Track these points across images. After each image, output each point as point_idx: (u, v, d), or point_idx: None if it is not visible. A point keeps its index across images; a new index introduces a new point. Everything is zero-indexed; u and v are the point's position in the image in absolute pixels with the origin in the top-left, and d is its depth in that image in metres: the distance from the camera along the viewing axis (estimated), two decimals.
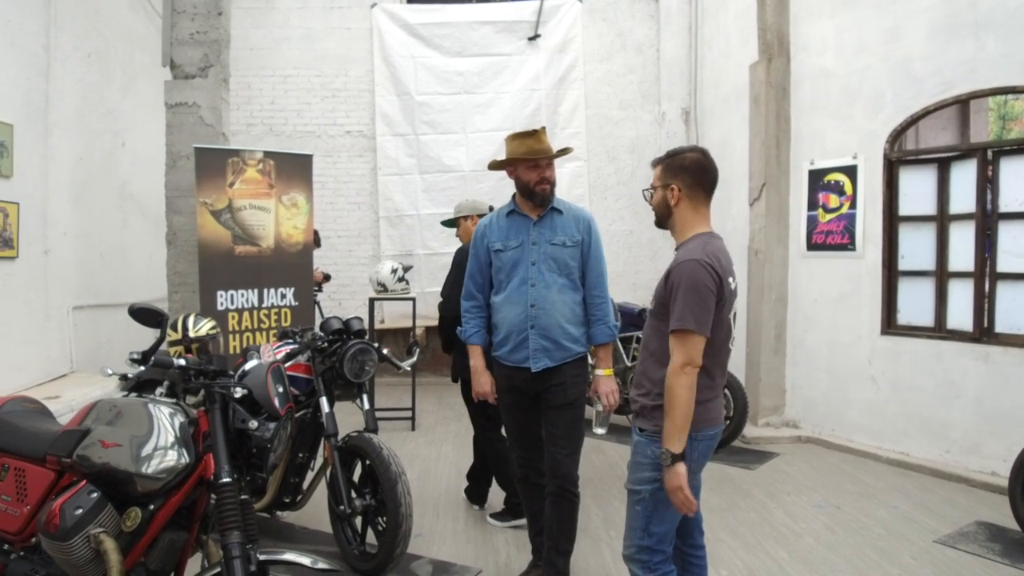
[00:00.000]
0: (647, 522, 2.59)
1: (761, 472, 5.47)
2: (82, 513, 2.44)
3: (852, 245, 5.93)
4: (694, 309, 2.43)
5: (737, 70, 7.05)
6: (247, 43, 8.72)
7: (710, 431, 2.60)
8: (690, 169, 2.64)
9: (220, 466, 2.49)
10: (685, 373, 2.42)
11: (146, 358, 2.50)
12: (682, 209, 2.65)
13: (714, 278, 2.48)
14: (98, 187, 7.13)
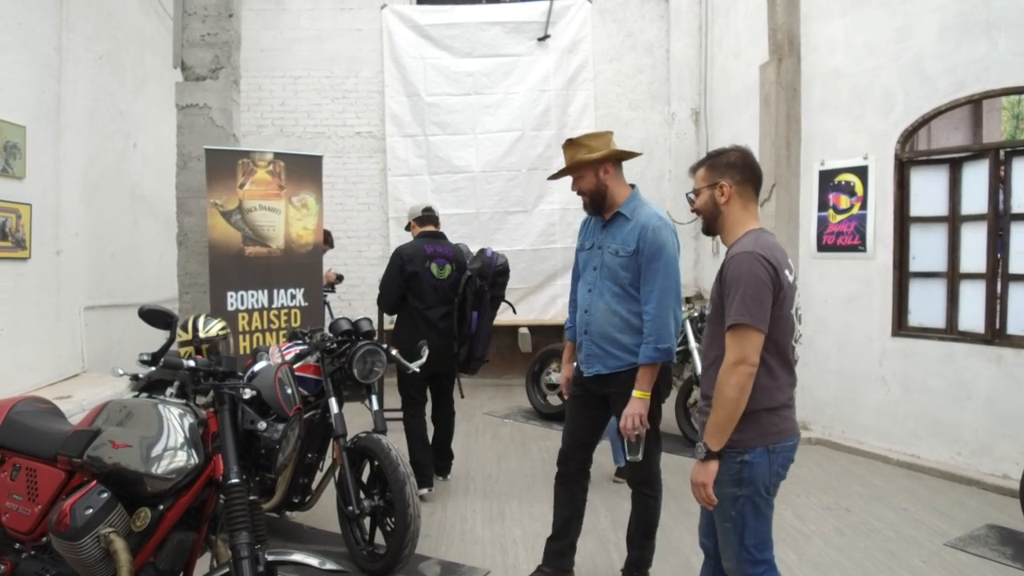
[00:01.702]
0: (740, 536, 2.50)
1: None
2: (92, 513, 2.47)
3: (863, 246, 5.90)
4: (749, 303, 2.34)
5: (747, 70, 7.03)
6: (258, 44, 8.77)
7: (788, 442, 2.49)
8: (737, 165, 2.58)
9: (229, 467, 2.51)
10: (737, 372, 2.33)
11: (156, 359, 2.52)
12: (732, 207, 2.57)
13: (769, 271, 2.38)
14: (110, 188, 7.17)
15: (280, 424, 2.65)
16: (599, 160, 3.34)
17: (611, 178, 3.37)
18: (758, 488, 2.45)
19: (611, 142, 3.42)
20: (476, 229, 8.91)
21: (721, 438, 2.37)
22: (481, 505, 4.86)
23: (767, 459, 2.43)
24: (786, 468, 2.54)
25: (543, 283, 9.02)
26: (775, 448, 2.45)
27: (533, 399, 7.39)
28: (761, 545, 2.52)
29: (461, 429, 6.64)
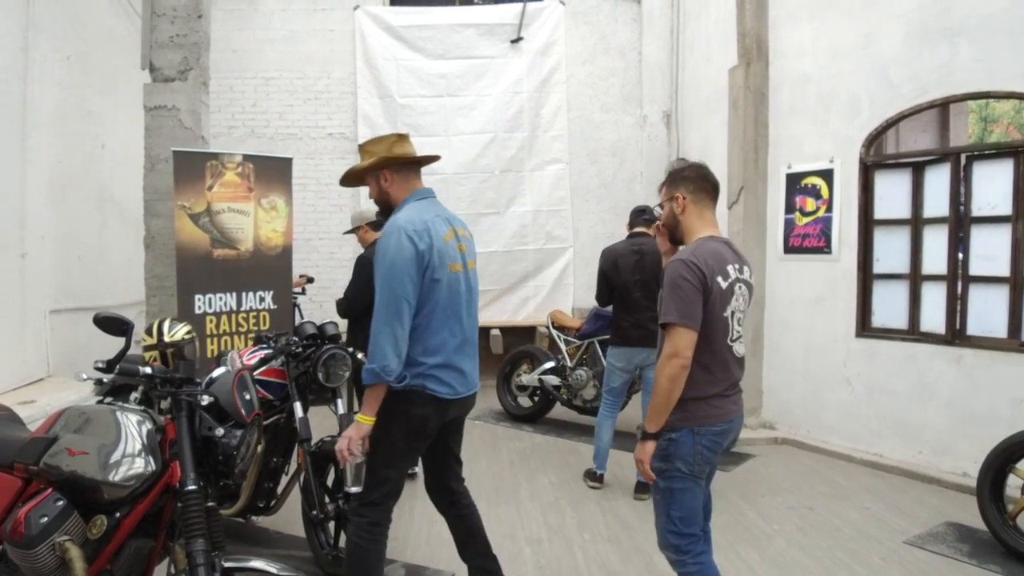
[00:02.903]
0: (668, 508, 2.77)
1: (736, 474, 5.51)
2: (47, 521, 2.45)
3: (828, 248, 5.99)
4: (677, 303, 2.59)
5: (717, 74, 7.10)
6: (229, 45, 8.70)
7: (714, 427, 2.71)
8: (691, 177, 2.83)
9: (186, 473, 2.51)
10: (670, 364, 2.57)
11: (111, 366, 2.51)
12: (689, 216, 2.82)
13: (696, 274, 2.60)
14: (77, 190, 7.09)
15: (238, 430, 2.65)
16: (371, 168, 3.03)
17: (392, 185, 3.03)
18: (682, 464, 2.71)
19: (392, 147, 3.02)
20: None
21: (657, 421, 2.65)
22: None
23: (691, 439, 2.69)
24: (713, 451, 2.76)
25: (515, 285, 9.04)
26: (700, 431, 2.69)
27: (504, 400, 7.41)
28: (687, 519, 2.77)
29: None
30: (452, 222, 3.04)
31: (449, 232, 2.96)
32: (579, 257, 8.97)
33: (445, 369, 2.90)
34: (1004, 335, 5.01)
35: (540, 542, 4.29)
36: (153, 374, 2.61)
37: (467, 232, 3.13)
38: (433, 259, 2.83)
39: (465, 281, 3.01)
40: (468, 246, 3.09)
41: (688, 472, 2.71)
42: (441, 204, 3.12)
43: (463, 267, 3.00)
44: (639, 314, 4.88)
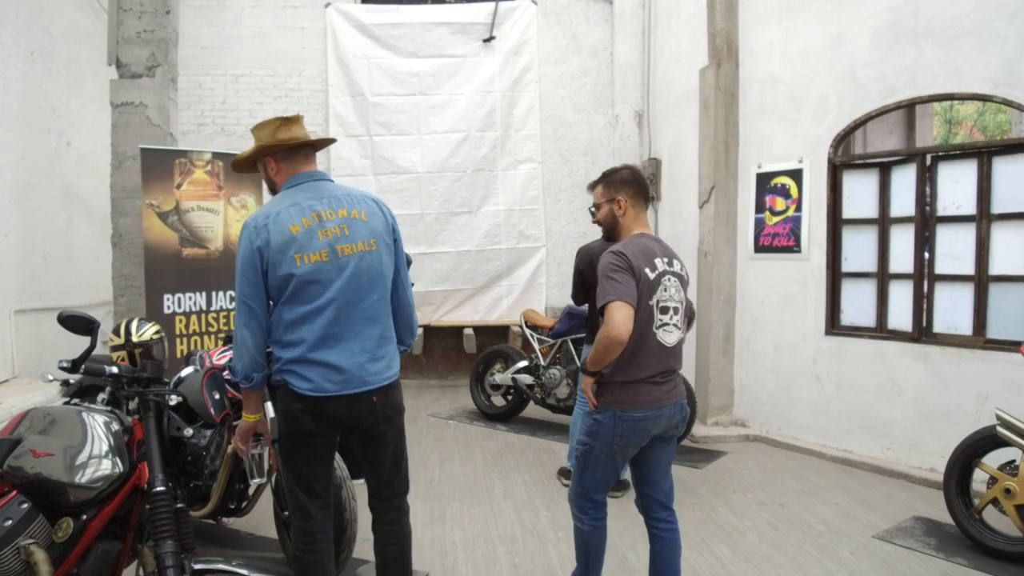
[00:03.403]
0: (580, 474, 3.12)
1: (708, 471, 5.56)
2: (12, 524, 2.40)
3: (798, 247, 6.06)
4: (612, 287, 2.84)
5: (688, 74, 7.15)
6: (198, 42, 8.58)
7: (637, 413, 2.93)
8: (630, 181, 3.10)
9: (154, 474, 2.47)
10: (608, 332, 2.77)
11: (76, 366, 2.46)
12: (627, 218, 3.09)
13: (625, 262, 2.88)
14: (42, 187, 6.96)
15: (208, 430, 2.61)
16: (255, 156, 2.89)
17: (279, 173, 2.89)
18: (602, 442, 2.98)
19: (275, 132, 2.82)
20: (421, 230, 8.89)
21: (595, 367, 2.91)
22: (422, 508, 4.84)
23: (613, 422, 2.94)
24: (636, 435, 2.98)
25: (488, 284, 9.02)
26: (623, 415, 2.93)
27: (477, 400, 7.40)
28: (594, 488, 3.12)
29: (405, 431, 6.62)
30: (323, 204, 2.73)
31: (307, 219, 2.69)
32: (552, 256, 8.98)
33: (304, 364, 2.69)
34: (969, 332, 5.10)
35: (514, 541, 4.29)
36: (120, 374, 2.57)
37: (358, 212, 2.77)
38: (271, 255, 2.65)
39: (338, 269, 2.70)
40: (352, 227, 2.74)
41: (606, 452, 2.99)
42: (324, 185, 2.82)
43: (331, 254, 2.69)
44: None
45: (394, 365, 2.86)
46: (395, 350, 2.90)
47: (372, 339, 2.77)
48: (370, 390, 2.74)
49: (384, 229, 2.82)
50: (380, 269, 2.79)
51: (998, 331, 4.97)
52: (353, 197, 2.82)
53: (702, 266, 6.72)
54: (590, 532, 3.20)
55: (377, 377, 2.76)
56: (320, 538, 2.86)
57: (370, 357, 2.75)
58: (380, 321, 2.81)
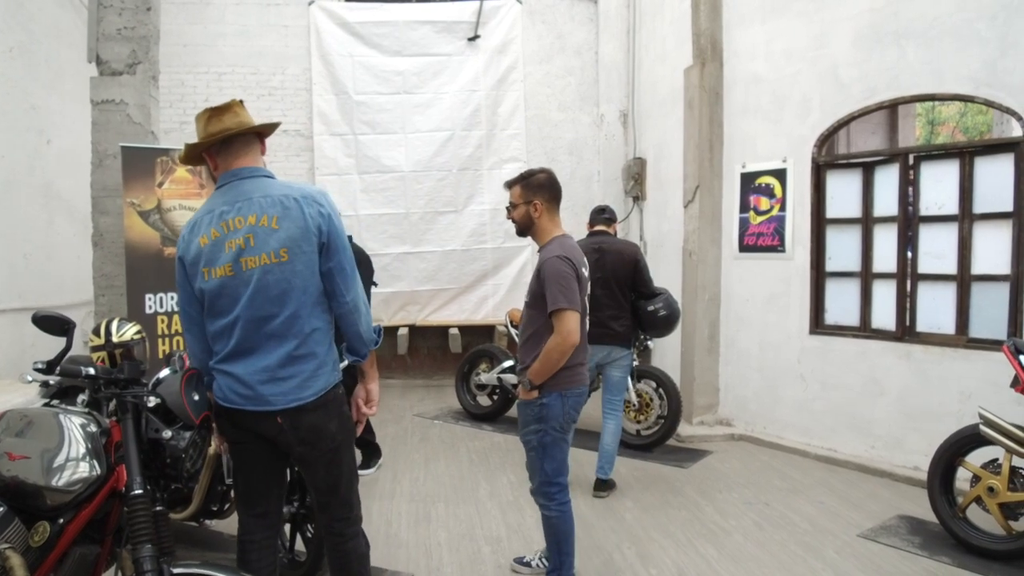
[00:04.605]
0: (541, 462, 3.37)
1: (694, 470, 5.56)
2: None
3: (782, 247, 6.08)
4: (564, 292, 3.17)
5: (673, 74, 7.15)
6: (181, 39, 8.50)
7: (576, 390, 3.37)
8: (546, 186, 3.39)
9: (132, 477, 2.43)
10: (565, 343, 3.16)
11: (51, 367, 2.41)
12: (543, 220, 3.40)
13: (572, 267, 3.23)
14: (22, 186, 6.87)
15: (188, 432, 2.57)
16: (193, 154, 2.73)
17: (216, 170, 2.73)
18: (553, 423, 3.31)
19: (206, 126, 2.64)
20: (406, 229, 8.85)
21: (542, 379, 3.26)
22: (407, 508, 4.82)
23: (560, 402, 3.30)
24: (577, 411, 3.43)
25: (474, 283, 9.00)
26: (567, 393, 3.32)
27: (463, 399, 7.38)
28: (557, 471, 3.39)
29: (390, 431, 6.60)
30: (234, 211, 2.55)
31: (216, 230, 2.54)
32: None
33: (218, 372, 2.61)
34: (952, 331, 5.14)
35: (499, 541, 4.28)
36: (96, 375, 2.53)
37: (268, 218, 2.53)
38: (187, 266, 2.59)
39: (243, 283, 2.52)
40: (258, 237, 2.52)
41: (559, 429, 3.33)
42: (243, 186, 2.60)
43: (236, 267, 2.52)
44: (599, 312, 4.88)
45: (312, 385, 2.58)
46: (319, 368, 2.61)
47: (275, 358, 2.54)
48: (273, 411, 2.55)
49: (302, 235, 2.52)
50: (293, 281, 2.53)
51: (980, 330, 5.01)
52: (269, 200, 2.55)
53: (687, 265, 6.73)
54: (559, 517, 3.41)
55: (281, 399, 2.54)
56: (248, 547, 2.76)
57: (269, 377, 2.54)
58: (292, 338, 2.55)
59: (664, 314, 5.12)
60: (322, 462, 2.70)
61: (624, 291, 5.02)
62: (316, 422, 2.61)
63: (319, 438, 2.63)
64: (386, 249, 8.75)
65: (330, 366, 2.66)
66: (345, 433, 2.75)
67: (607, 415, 5.13)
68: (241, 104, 2.69)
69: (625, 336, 5.01)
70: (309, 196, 2.60)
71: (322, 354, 2.62)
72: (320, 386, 2.61)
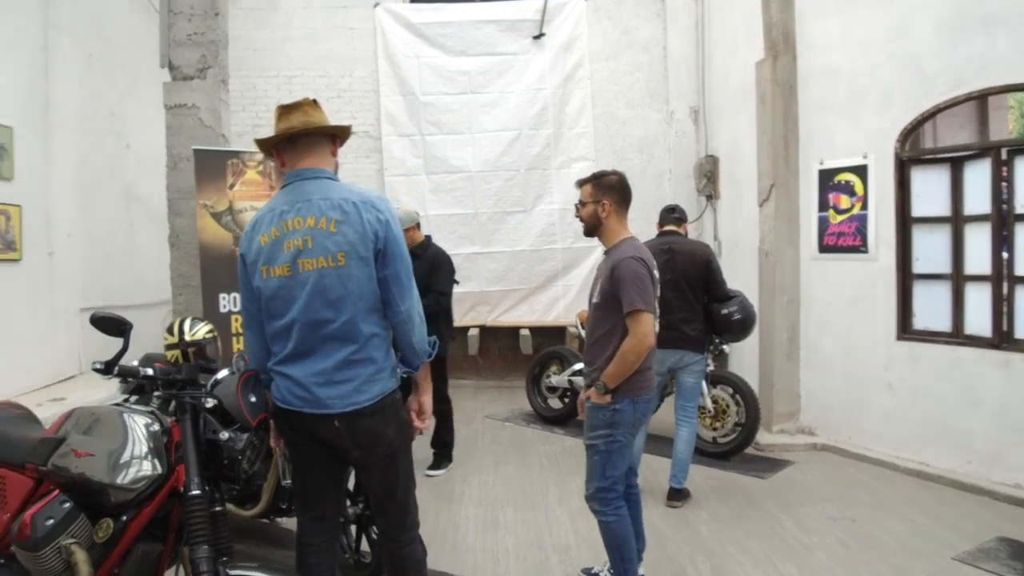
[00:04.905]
0: (604, 468, 3.32)
1: (774, 481, 5.31)
2: (53, 523, 2.40)
3: (864, 247, 5.76)
4: (641, 293, 3.14)
5: (744, 68, 6.89)
6: (251, 44, 8.65)
7: (647, 396, 3.35)
8: (616, 187, 3.36)
9: (190, 478, 2.43)
10: (642, 344, 3.14)
11: (109, 367, 2.41)
12: (611, 221, 3.36)
13: (648, 268, 3.23)
14: (103, 189, 7.08)
15: (244, 433, 2.54)
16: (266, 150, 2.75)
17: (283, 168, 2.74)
18: (623, 429, 3.27)
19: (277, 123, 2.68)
20: (475, 229, 8.81)
21: (617, 383, 3.20)
22: (475, 512, 4.74)
23: (632, 408, 3.26)
24: (646, 416, 3.52)
25: (544, 284, 8.89)
26: (638, 399, 3.29)
27: (534, 402, 7.28)
28: (617, 479, 3.35)
29: (461, 433, 6.52)
30: (293, 212, 2.52)
31: (276, 229, 2.52)
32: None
33: (277, 375, 2.60)
34: None
35: (567, 550, 4.14)
36: (155, 375, 2.51)
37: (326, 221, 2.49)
38: (248, 264, 2.59)
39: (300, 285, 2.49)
40: (316, 239, 2.48)
41: (627, 438, 3.31)
42: (305, 187, 2.57)
43: (293, 268, 2.49)
44: (670, 315, 4.70)
45: (368, 390, 2.53)
46: (376, 373, 2.56)
47: (332, 361, 2.50)
48: (330, 414, 2.51)
49: (359, 240, 2.47)
50: (349, 286, 2.48)
51: None
52: (328, 203, 2.50)
53: (763, 266, 6.46)
54: (617, 522, 3.35)
55: (337, 402, 2.51)
56: (307, 551, 2.73)
57: (325, 380, 2.50)
58: (350, 343, 2.51)
59: (739, 318, 4.90)
60: (378, 467, 2.65)
61: (696, 293, 4.82)
62: (373, 427, 2.57)
63: (376, 443, 2.59)
64: (455, 249, 8.67)
65: (388, 372, 2.62)
66: (402, 439, 2.71)
67: (680, 422, 4.94)
68: (313, 104, 2.66)
69: (698, 340, 4.80)
70: (368, 201, 2.54)
71: (380, 359, 2.58)
72: (377, 391, 2.56)
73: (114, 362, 2.42)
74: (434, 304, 5.45)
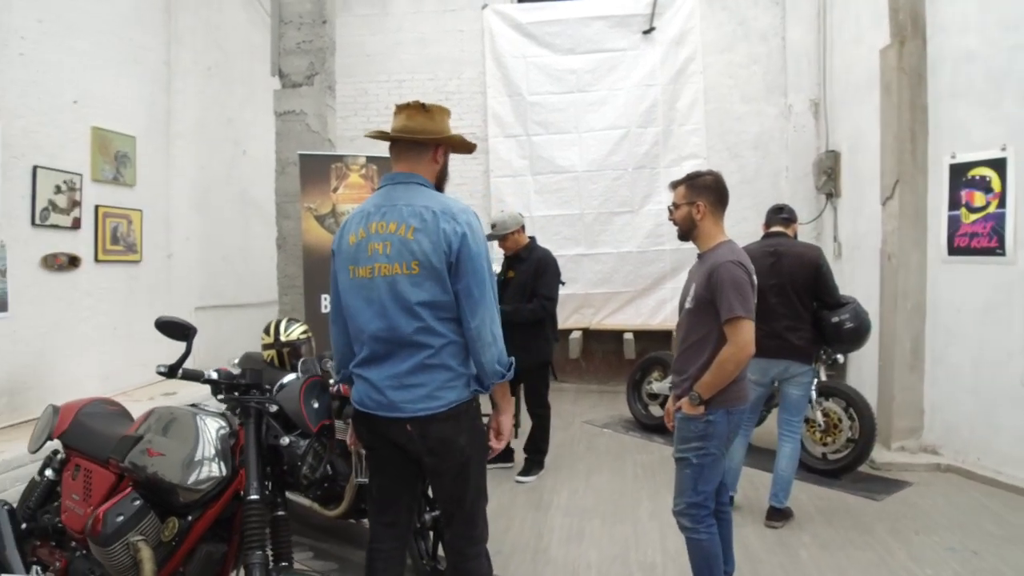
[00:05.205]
0: (695, 483, 3.14)
1: (888, 504, 4.88)
2: (123, 520, 2.50)
3: (1001, 249, 5.20)
4: (741, 300, 2.98)
5: (868, 56, 6.39)
6: (363, 49, 8.90)
7: (741, 407, 3.19)
8: (711, 188, 3.23)
9: (249, 482, 2.45)
10: (742, 353, 2.99)
11: (173, 371, 2.47)
12: (705, 223, 3.23)
13: (749, 272, 3.07)
14: (220, 193, 7.45)
15: (305, 439, 2.54)
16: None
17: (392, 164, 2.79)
18: (717, 442, 3.11)
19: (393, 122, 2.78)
20: (581, 231, 8.68)
21: (712, 393, 3.04)
22: (561, 522, 4.62)
23: (726, 420, 3.11)
24: (738, 427, 3.28)
25: (651, 287, 8.65)
26: (733, 411, 3.13)
27: (634, 408, 7.08)
28: (708, 495, 3.17)
29: (557, 438, 6.42)
30: (379, 216, 2.53)
31: (363, 230, 2.54)
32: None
33: (357, 378, 2.63)
34: None
35: (654, 568, 3.96)
36: (218, 379, 2.56)
37: (406, 228, 2.47)
38: (336, 264, 2.68)
39: (376, 288, 2.50)
40: (395, 246, 2.47)
41: (721, 452, 3.15)
42: (394, 191, 2.59)
43: (373, 272, 2.50)
44: (775, 322, 4.41)
45: (442, 396, 2.49)
46: (451, 381, 2.52)
47: (406, 366, 2.49)
48: (402, 417, 2.50)
49: (433, 250, 2.44)
50: (421, 295, 2.46)
51: None
52: (410, 209, 2.49)
53: (885, 270, 5.98)
54: (709, 540, 3.20)
55: (410, 406, 2.49)
56: (376, 555, 2.72)
57: (398, 384, 2.49)
58: (424, 348, 2.49)
59: (851, 327, 4.53)
60: (449, 475, 2.61)
61: (803, 300, 4.49)
62: (445, 433, 2.53)
63: (447, 450, 2.55)
64: (560, 251, 8.55)
65: (465, 380, 2.57)
66: (476, 449, 2.64)
67: (783, 437, 4.61)
68: (419, 108, 2.65)
69: (804, 350, 4.47)
70: (448, 211, 2.50)
71: (455, 367, 2.54)
72: (452, 398, 2.52)
73: (177, 365, 2.49)
74: (540, 310, 5.40)
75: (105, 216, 5.75)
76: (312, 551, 4.17)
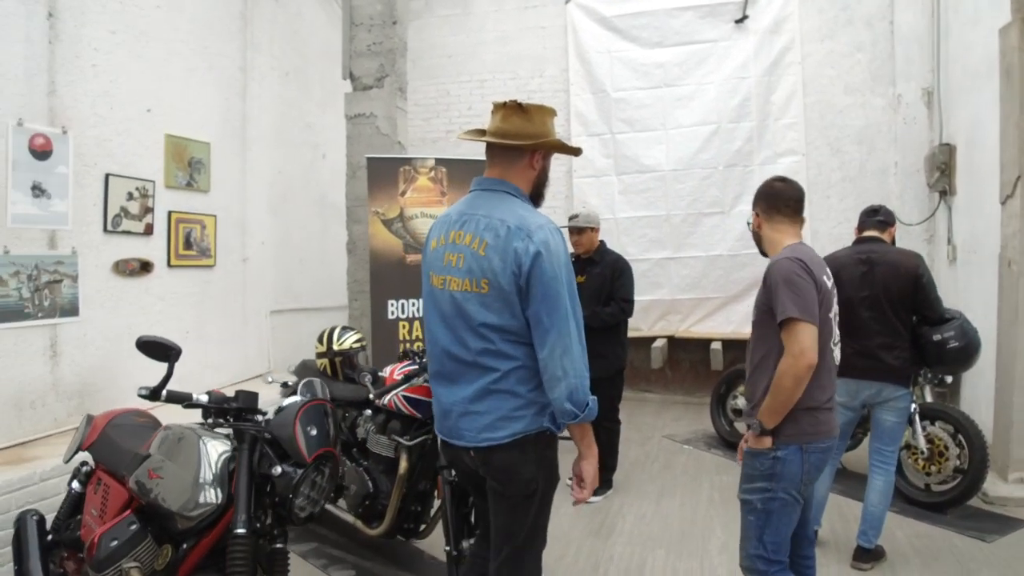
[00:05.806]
0: (760, 532, 2.69)
1: (1000, 546, 4.28)
2: (117, 545, 2.40)
3: None
4: (794, 299, 2.57)
5: (987, 38, 5.70)
6: (446, 51, 8.80)
7: (822, 443, 2.68)
8: (762, 194, 3.01)
9: (237, 514, 2.28)
10: (797, 363, 2.52)
11: (155, 393, 2.33)
12: (765, 232, 2.99)
13: (807, 270, 2.63)
14: (297, 197, 7.49)
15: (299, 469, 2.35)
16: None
17: None
18: (786, 485, 2.63)
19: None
20: (667, 233, 8.25)
21: (775, 419, 2.60)
22: (621, 551, 4.29)
23: (800, 457, 2.63)
24: (819, 470, 2.71)
25: (741, 293, 8.10)
26: (808, 448, 2.64)
27: (717, 424, 6.61)
28: (779, 546, 2.68)
29: (632, 454, 6.10)
30: (458, 225, 2.37)
31: (443, 236, 2.41)
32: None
33: (433, 391, 2.53)
34: None
35: None
36: (208, 403, 2.40)
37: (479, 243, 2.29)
38: (423, 263, 2.56)
39: (446, 300, 2.37)
40: (467, 260, 2.31)
41: (793, 496, 2.66)
42: (477, 199, 2.42)
43: (445, 283, 2.37)
44: (868, 340, 3.93)
45: (507, 426, 2.29)
46: (520, 409, 2.30)
47: (472, 389, 2.31)
48: (466, 446, 2.35)
49: (501, 269, 2.23)
50: (488, 316, 2.27)
51: None
52: (487, 222, 2.30)
53: (1005, 278, 5.30)
54: None
55: (471, 435, 2.32)
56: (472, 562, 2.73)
57: (464, 410, 2.33)
58: (491, 371, 2.29)
59: (955, 345, 3.98)
60: (508, 504, 2.39)
61: (900, 314, 3.97)
62: (510, 463, 2.33)
63: (511, 479, 2.35)
64: (645, 254, 8.23)
65: (536, 409, 2.31)
66: (544, 483, 2.39)
67: (875, 469, 4.07)
68: (516, 108, 2.47)
69: (901, 371, 3.94)
70: (524, 227, 2.25)
71: (524, 393, 2.31)
72: (517, 429, 2.31)
73: (160, 387, 2.34)
74: (619, 313, 5.18)
75: (178, 222, 5.83)
76: (355, 569, 4.02)
